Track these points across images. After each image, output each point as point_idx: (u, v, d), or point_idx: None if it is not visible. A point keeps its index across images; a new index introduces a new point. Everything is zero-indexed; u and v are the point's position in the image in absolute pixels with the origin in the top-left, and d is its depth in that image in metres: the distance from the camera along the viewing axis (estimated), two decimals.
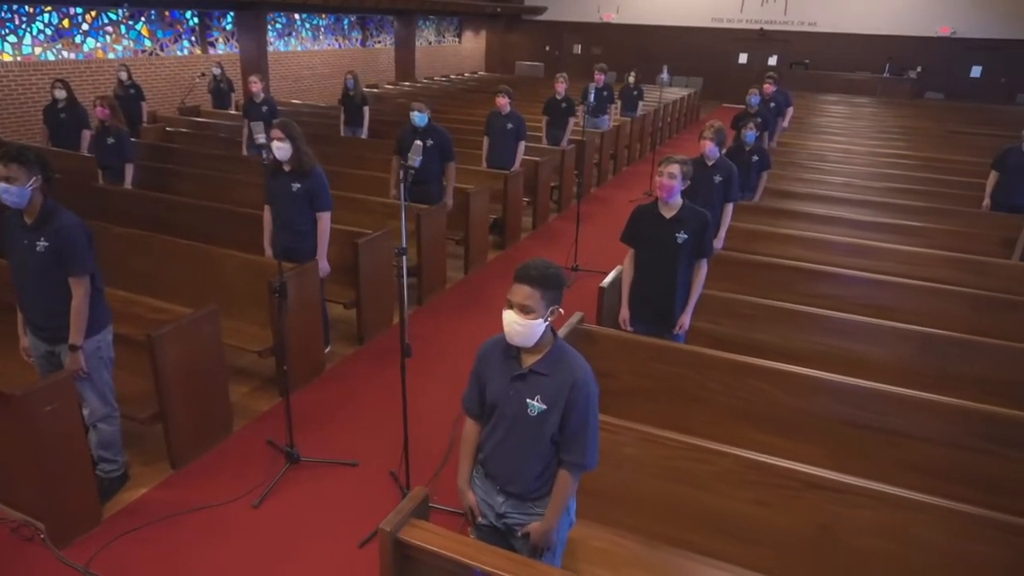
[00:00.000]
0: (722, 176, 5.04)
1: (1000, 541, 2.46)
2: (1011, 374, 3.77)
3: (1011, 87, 18.86)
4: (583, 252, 7.08)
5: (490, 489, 2.42)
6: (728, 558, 2.81)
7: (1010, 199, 6.40)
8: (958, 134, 11.75)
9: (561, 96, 8.79)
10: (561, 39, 23.40)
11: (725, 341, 4.17)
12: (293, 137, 4.47)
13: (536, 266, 2.19)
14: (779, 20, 20.57)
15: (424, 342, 5.39)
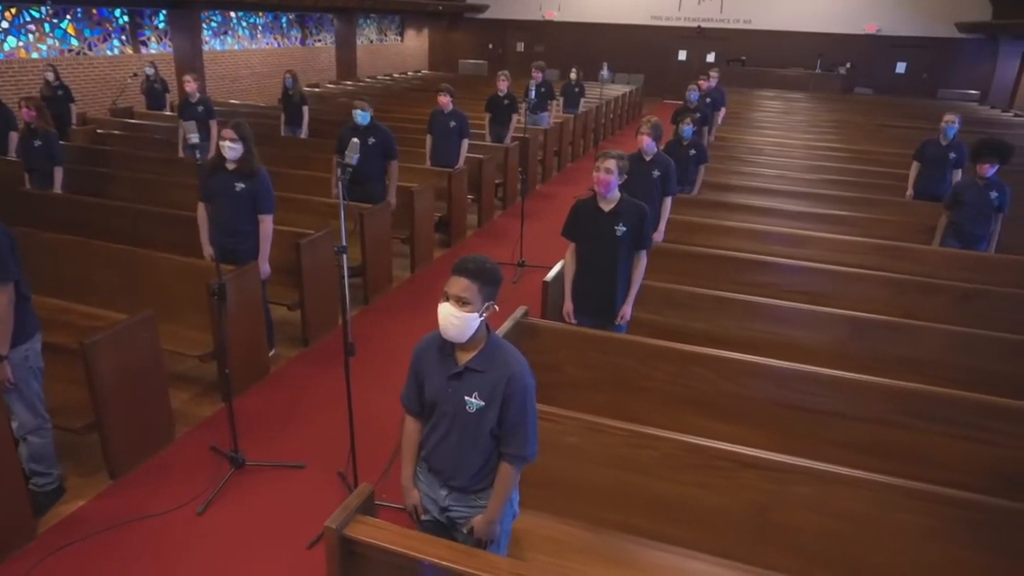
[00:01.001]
0: (660, 171, 5.16)
1: (922, 509, 2.60)
2: (932, 353, 3.97)
3: (933, 82, 19.77)
4: (529, 248, 7.14)
5: (433, 483, 2.44)
6: (672, 540, 2.89)
7: (929, 189, 6.71)
8: (885, 127, 12.25)
9: (503, 94, 8.84)
10: (504, 37, 23.47)
11: (666, 331, 4.28)
12: (245, 138, 4.41)
13: (474, 260, 2.22)
14: (716, 18, 21.07)
15: (371, 342, 5.36)
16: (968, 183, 5.58)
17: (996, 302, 4.59)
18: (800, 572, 2.73)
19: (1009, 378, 3.84)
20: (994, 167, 5.35)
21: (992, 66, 18.81)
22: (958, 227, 5.59)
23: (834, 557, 2.71)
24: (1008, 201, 5.49)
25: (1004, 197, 5.45)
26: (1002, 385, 3.77)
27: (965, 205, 5.51)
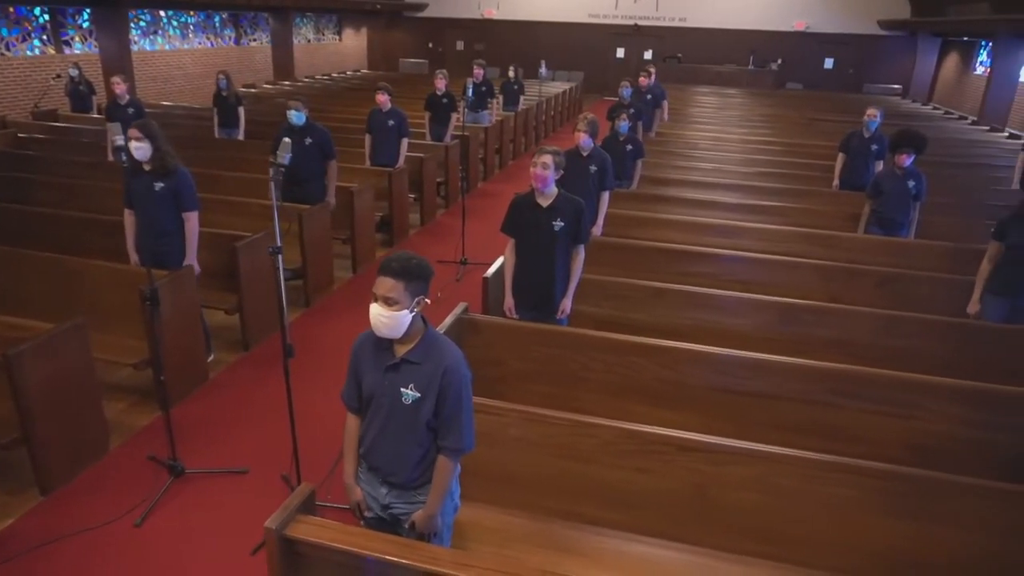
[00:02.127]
0: (597, 166, 5.25)
1: (846, 482, 2.74)
2: (855, 335, 4.17)
3: (859, 77, 20.58)
4: (471, 245, 7.16)
5: (374, 481, 2.46)
6: (615, 525, 2.97)
7: (854, 179, 7.01)
8: (815, 121, 12.71)
9: (442, 92, 8.84)
10: (444, 36, 23.39)
11: (606, 322, 4.37)
12: (152, 136, 4.30)
13: (398, 258, 2.24)
14: (652, 16, 21.45)
15: (312, 344, 5.31)
16: (888, 173, 5.85)
17: (915, 285, 4.84)
18: (736, 548, 2.84)
19: (926, 355, 4.06)
20: (911, 157, 5.63)
21: (912, 62, 19.70)
22: (880, 215, 5.86)
23: (767, 531, 2.83)
24: (925, 189, 5.78)
25: (921, 186, 5.73)
26: (919, 362, 3.98)
27: (886, 194, 5.78)
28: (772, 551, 2.82)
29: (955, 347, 4.10)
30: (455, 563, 2.19)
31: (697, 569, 2.77)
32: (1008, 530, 2.65)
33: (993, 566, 2.66)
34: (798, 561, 2.80)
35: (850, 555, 2.77)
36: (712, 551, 2.84)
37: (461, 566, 2.17)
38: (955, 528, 2.69)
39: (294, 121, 5.86)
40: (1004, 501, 2.68)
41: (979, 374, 3.75)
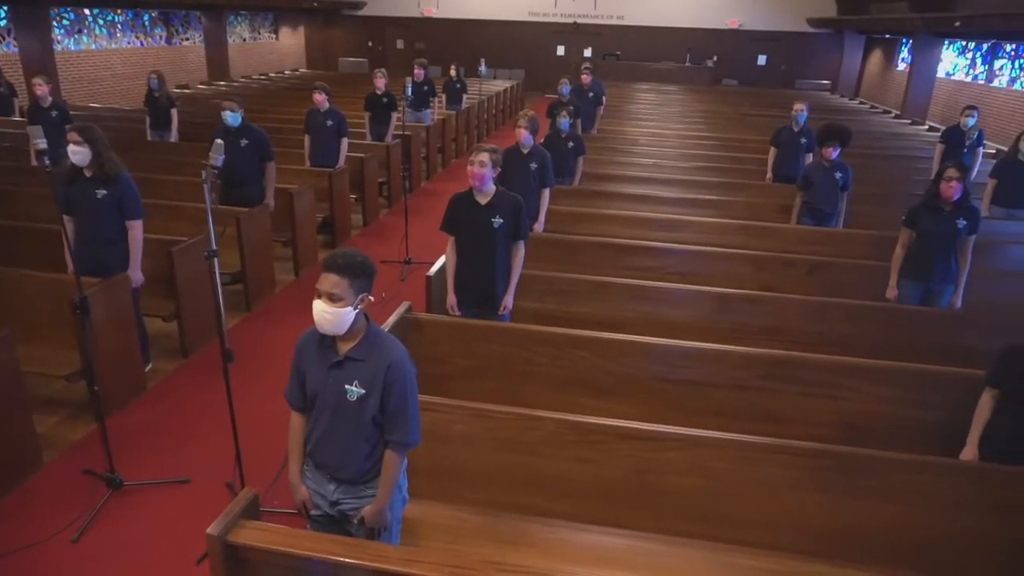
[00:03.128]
0: (537, 163, 5.31)
1: (779, 462, 2.86)
2: (788, 321, 4.34)
3: (790, 73, 21.29)
4: (415, 245, 7.14)
5: (321, 479, 2.45)
6: (561, 515, 3.02)
7: (785, 172, 7.27)
8: (749, 116, 13.10)
9: (382, 91, 8.78)
10: (384, 35, 23.18)
11: (550, 317, 4.43)
12: (92, 140, 4.16)
13: (343, 255, 2.25)
14: (590, 14, 21.73)
15: (254, 348, 5.22)
16: (816, 165, 6.09)
17: (843, 272, 5.06)
18: (677, 530, 2.93)
19: (853, 339, 4.26)
20: (837, 150, 5.87)
21: (839, 58, 20.47)
22: (810, 206, 6.10)
23: (706, 513, 2.93)
24: (851, 180, 6.04)
25: (847, 177, 5.99)
26: (847, 345, 4.18)
27: (815, 185, 6.01)
28: (712, 532, 2.92)
29: (879, 330, 4.31)
30: (403, 560, 2.20)
31: (640, 553, 2.85)
32: (933, 499, 2.80)
33: (920, 534, 2.81)
34: (737, 540, 2.91)
35: (786, 532, 2.89)
36: (655, 535, 2.93)
37: (409, 562, 2.18)
38: (883, 501, 2.83)
39: (229, 122, 5.75)
40: (928, 472, 2.84)
41: (901, 355, 3.96)
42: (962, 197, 4.45)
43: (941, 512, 2.79)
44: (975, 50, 15.11)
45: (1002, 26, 10.53)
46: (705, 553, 2.87)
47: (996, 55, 14.15)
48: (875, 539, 2.84)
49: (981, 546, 2.77)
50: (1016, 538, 2.75)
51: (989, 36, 13.57)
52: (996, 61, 14.13)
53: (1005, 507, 2.75)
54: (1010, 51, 13.58)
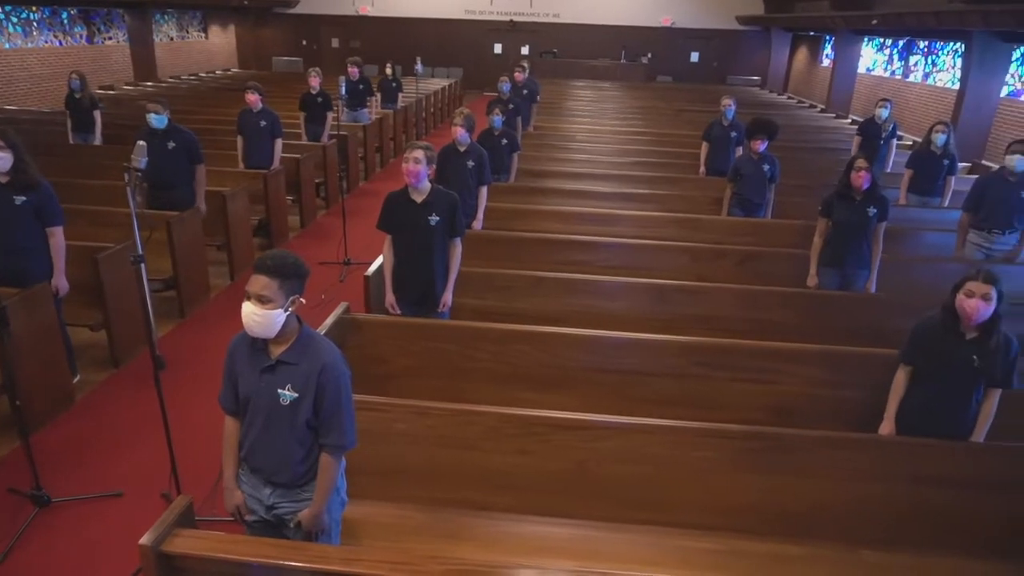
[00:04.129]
0: (474, 161, 5.32)
1: (711, 445, 2.97)
2: (720, 310, 4.49)
3: (722, 69, 21.86)
4: (355, 246, 7.07)
5: (256, 483, 2.42)
6: (504, 508, 3.06)
7: (717, 165, 7.48)
8: (683, 112, 13.40)
9: (316, 91, 8.64)
10: (318, 33, 22.78)
11: (489, 313, 4.46)
12: (14, 145, 3.99)
13: (273, 256, 2.22)
14: (527, 12, 21.83)
15: (189, 355, 5.09)
16: (745, 158, 6.29)
17: (771, 261, 5.25)
18: (617, 517, 3.01)
19: (781, 325, 4.43)
20: (764, 143, 6.07)
21: (768, 55, 21.12)
22: (740, 197, 6.29)
23: (645, 499, 3.01)
24: (778, 172, 6.26)
25: (775, 169, 6.20)
26: (777, 331, 4.34)
27: (744, 177, 6.21)
28: (651, 516, 3.00)
29: (805, 315, 4.50)
30: (344, 559, 2.20)
31: (582, 541, 2.91)
32: (855, 473, 2.96)
33: (844, 506, 2.96)
34: (676, 523, 3.00)
35: (722, 512, 3.00)
36: (596, 523, 2.99)
37: (350, 561, 2.18)
38: (810, 477, 2.97)
39: (155, 124, 5.58)
40: (849, 448, 2.99)
41: (825, 338, 4.14)
42: (872, 186, 4.66)
43: (862, 484, 2.95)
44: (892, 47, 15.82)
45: (915, 24, 11.07)
46: (645, 537, 2.95)
47: (911, 52, 14.85)
48: (805, 514, 2.97)
49: (899, 513, 2.94)
50: (929, 504, 2.92)
51: (904, 33, 14.23)
52: (911, 57, 14.83)
53: (918, 477, 2.92)
54: (923, 48, 14.27)
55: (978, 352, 2.95)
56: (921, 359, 3.12)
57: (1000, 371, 2.98)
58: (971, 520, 2.93)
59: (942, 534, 2.93)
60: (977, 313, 2.88)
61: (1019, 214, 5.30)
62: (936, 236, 6.13)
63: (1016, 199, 5.25)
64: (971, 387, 3.04)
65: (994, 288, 2.85)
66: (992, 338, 2.93)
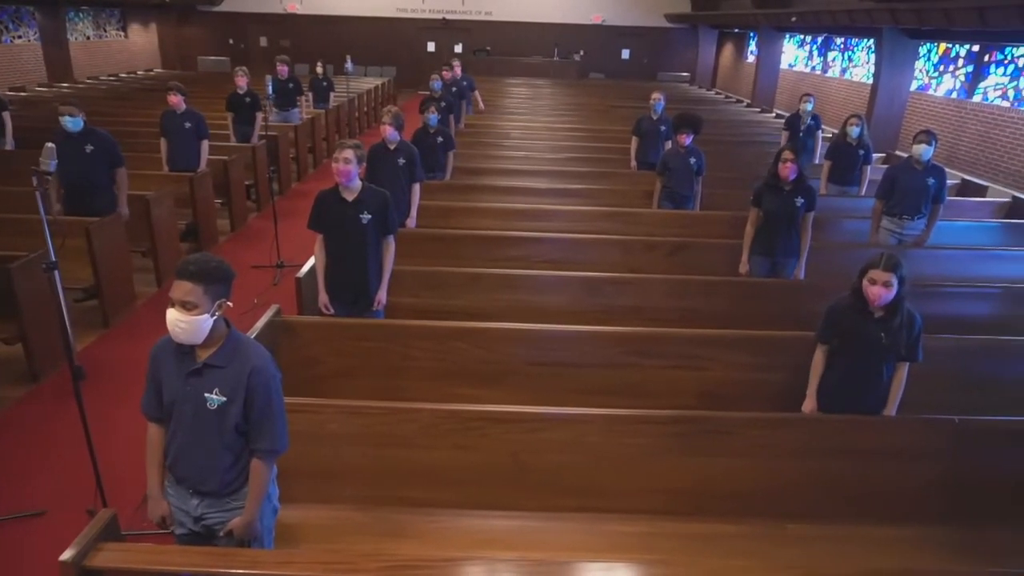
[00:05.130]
0: (405, 158, 5.31)
1: (642, 431, 3.05)
2: (651, 300, 4.60)
3: (653, 66, 22.29)
4: (289, 248, 6.94)
5: (183, 493, 2.36)
6: (442, 503, 3.07)
7: (647, 159, 7.66)
8: (615, 108, 13.62)
9: (244, 91, 8.44)
10: (245, 32, 22.18)
11: (425, 311, 4.46)
12: None
13: (196, 261, 2.18)
14: (459, 10, 21.77)
15: (114, 366, 4.91)
16: (673, 152, 6.45)
17: (699, 252, 5.41)
18: (555, 506, 3.06)
19: (710, 313, 4.58)
20: (690, 137, 6.24)
21: (696, 51, 21.65)
22: (669, 190, 6.45)
23: (581, 487, 3.07)
24: (704, 165, 6.44)
25: (701, 162, 6.38)
26: (707, 319, 4.48)
27: (672, 171, 6.37)
28: (587, 504, 3.06)
29: (734, 303, 4.66)
30: (278, 563, 2.18)
31: (520, 532, 2.95)
32: (779, 450, 3.09)
33: (771, 484, 3.08)
34: (611, 509, 3.07)
35: (654, 496, 3.08)
36: (534, 513, 3.04)
37: (284, 564, 2.16)
38: (737, 457, 3.09)
39: (69, 127, 5.34)
40: (773, 427, 3.12)
41: (754, 324, 4.29)
42: (798, 177, 4.86)
43: (786, 461, 3.08)
44: (811, 43, 16.45)
45: (830, 21, 11.55)
46: (581, 524, 3.01)
47: (829, 48, 15.47)
48: (733, 493, 3.09)
49: (820, 487, 3.08)
50: (847, 477, 3.08)
51: (820, 31, 14.81)
52: (829, 53, 15.45)
53: (837, 451, 3.08)
54: (840, 44, 14.89)
55: (885, 329, 3.13)
56: (835, 338, 3.28)
57: (906, 346, 3.16)
58: (886, 489, 3.10)
59: (860, 504, 3.09)
60: (879, 299, 3.06)
61: (926, 200, 5.61)
62: (854, 223, 6.43)
63: (923, 186, 5.55)
64: (881, 363, 3.22)
65: (895, 275, 3.03)
66: (897, 316, 3.11)
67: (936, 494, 3.11)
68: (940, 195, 5.63)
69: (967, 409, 3.47)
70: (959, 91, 10.65)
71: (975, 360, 3.94)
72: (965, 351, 3.94)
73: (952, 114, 10.51)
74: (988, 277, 5.45)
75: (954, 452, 3.11)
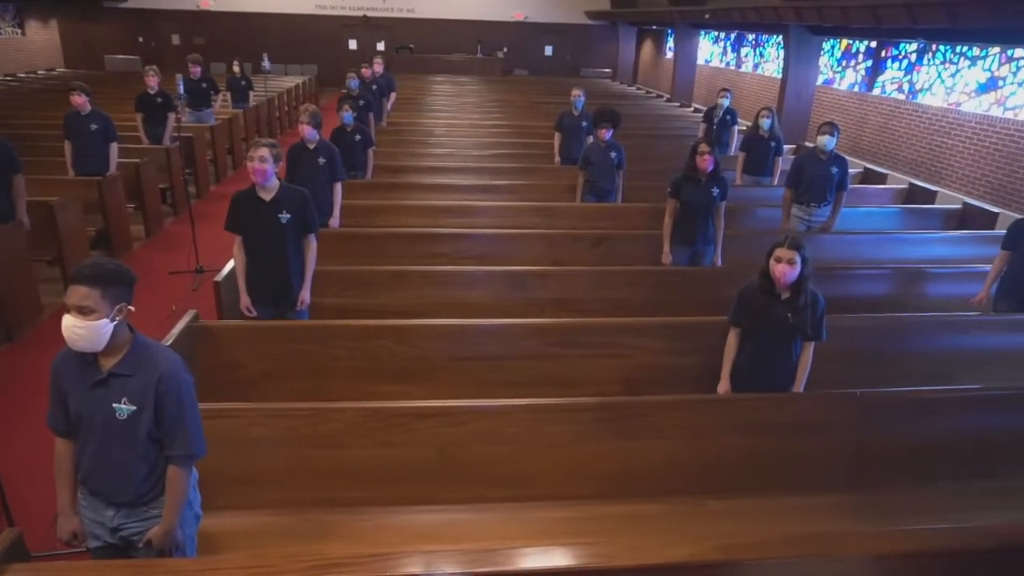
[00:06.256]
0: (325, 158, 5.24)
1: (566, 419, 3.13)
2: (575, 292, 4.71)
3: (576, 62, 22.61)
4: (210, 252, 6.73)
5: (98, 505, 2.28)
6: (371, 502, 3.06)
7: (570, 154, 7.77)
8: (539, 104, 13.75)
9: (155, 91, 8.12)
10: (156, 29, 21.28)
11: (350, 310, 4.42)
12: None
13: (91, 264, 2.11)
14: (380, 7, 21.52)
15: (18, 381, 4.67)
16: (594, 146, 6.57)
17: (621, 243, 5.55)
18: (483, 498, 3.10)
19: (632, 301, 4.72)
20: (610, 132, 6.37)
21: (616, 48, 22.07)
22: (592, 184, 6.58)
23: (508, 477, 3.12)
24: (624, 159, 6.59)
25: (621, 156, 6.53)
26: (630, 308, 4.61)
27: (593, 165, 6.50)
28: (514, 493, 3.12)
29: (654, 291, 4.81)
30: (200, 570, 2.13)
31: (449, 525, 2.97)
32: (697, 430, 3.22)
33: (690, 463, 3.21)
34: (538, 497, 3.13)
35: (580, 481, 3.16)
36: (462, 505, 3.06)
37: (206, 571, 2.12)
38: (657, 438, 3.20)
39: None
40: (691, 409, 3.25)
41: (675, 311, 4.44)
42: (714, 168, 5.05)
43: (704, 440, 3.22)
44: (725, 40, 17.03)
45: (740, 18, 11.99)
46: (511, 514, 3.06)
47: (742, 44, 16.06)
48: (654, 474, 3.20)
49: (737, 463, 3.23)
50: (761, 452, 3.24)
51: (732, 27, 15.35)
52: (742, 49, 16.04)
53: (751, 428, 3.23)
54: (752, 41, 15.48)
55: (791, 310, 3.30)
56: (746, 320, 3.45)
57: (811, 326, 3.34)
58: (796, 461, 3.27)
59: (774, 477, 3.25)
60: (785, 276, 3.23)
61: (831, 188, 5.92)
62: (767, 211, 6.72)
63: (827, 175, 5.86)
64: (789, 342, 3.40)
65: (798, 253, 3.21)
66: (802, 297, 3.29)
67: (841, 463, 3.31)
68: (843, 183, 5.95)
69: (868, 383, 3.72)
70: (860, 85, 11.25)
71: (875, 337, 4.21)
72: (866, 329, 4.19)
73: (855, 106, 11.09)
74: (889, 259, 5.82)
75: (857, 423, 3.31)
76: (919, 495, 3.25)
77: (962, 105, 8.91)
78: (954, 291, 5.11)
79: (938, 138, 9.08)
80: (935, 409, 3.41)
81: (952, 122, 8.87)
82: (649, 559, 2.17)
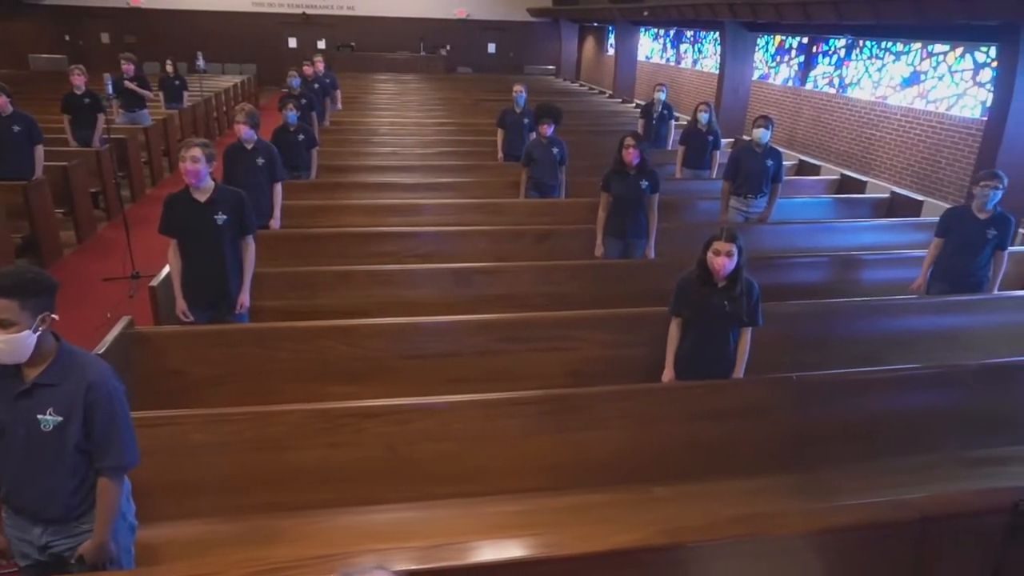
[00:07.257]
0: (264, 158, 5.13)
1: (512, 413, 3.16)
2: (519, 287, 4.74)
3: (519, 60, 22.68)
4: (146, 257, 6.52)
5: (24, 524, 2.20)
6: (319, 504, 3.02)
7: (512, 150, 7.78)
8: (482, 101, 13.75)
9: (82, 91, 7.83)
10: (84, 27, 20.48)
11: (293, 312, 4.34)
12: None
13: (10, 274, 2.01)
14: (320, 5, 21.17)
15: None
16: (536, 143, 6.62)
17: (564, 238, 5.61)
18: (432, 495, 3.10)
19: (575, 295, 4.77)
20: (551, 127, 6.42)
21: (559, 45, 22.24)
22: (535, 180, 6.62)
23: (456, 473, 3.13)
24: (566, 155, 6.64)
25: (563, 152, 6.58)
26: (572, 301, 4.66)
27: (536, 161, 6.54)
28: (463, 489, 3.12)
29: (595, 285, 4.87)
30: None
31: (398, 524, 2.96)
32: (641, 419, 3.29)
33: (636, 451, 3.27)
34: (487, 492, 3.14)
35: (528, 474, 3.19)
36: (411, 503, 3.06)
37: None
38: (603, 429, 3.26)
39: None
40: (635, 399, 3.32)
41: (615, 303, 4.51)
42: (642, 161, 5.12)
43: (648, 428, 3.29)
44: (665, 36, 17.33)
45: (678, 15, 12.24)
46: (459, 510, 3.07)
47: (681, 41, 16.37)
48: (601, 464, 3.25)
49: (681, 450, 3.31)
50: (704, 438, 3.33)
51: (671, 24, 15.65)
52: (682, 46, 16.35)
53: (694, 415, 3.32)
54: (690, 37, 15.80)
55: (728, 298, 3.40)
56: (685, 309, 3.53)
57: (747, 312, 3.44)
58: (738, 445, 3.37)
59: (716, 461, 3.34)
60: (724, 269, 3.33)
61: (767, 180, 6.10)
62: (707, 204, 6.88)
63: (763, 167, 6.03)
64: (727, 329, 3.50)
65: (735, 245, 3.30)
66: (738, 285, 3.39)
67: (781, 445, 3.42)
68: (778, 175, 6.14)
69: (807, 366, 3.85)
70: (794, 79, 11.60)
71: (811, 322, 4.36)
72: (800, 314, 4.34)
73: (789, 100, 11.43)
74: (823, 247, 6.02)
75: (794, 406, 3.43)
76: (856, 472, 3.38)
77: (888, 99, 9.28)
78: (884, 276, 5.33)
79: (867, 130, 9.44)
80: (868, 389, 3.56)
81: (880, 115, 9.23)
82: (596, 547, 2.21)
